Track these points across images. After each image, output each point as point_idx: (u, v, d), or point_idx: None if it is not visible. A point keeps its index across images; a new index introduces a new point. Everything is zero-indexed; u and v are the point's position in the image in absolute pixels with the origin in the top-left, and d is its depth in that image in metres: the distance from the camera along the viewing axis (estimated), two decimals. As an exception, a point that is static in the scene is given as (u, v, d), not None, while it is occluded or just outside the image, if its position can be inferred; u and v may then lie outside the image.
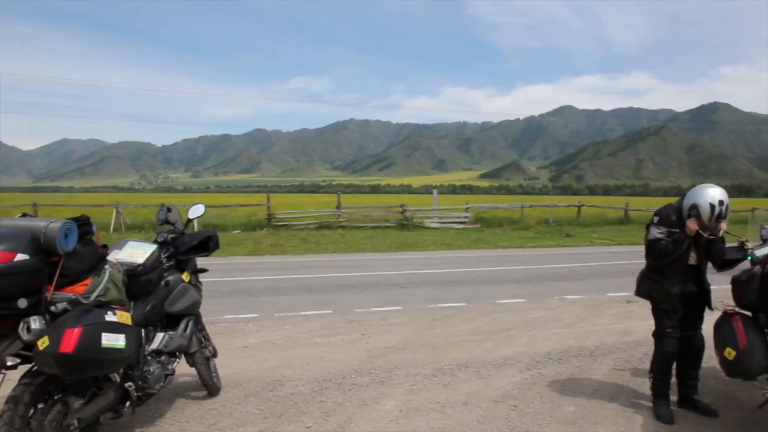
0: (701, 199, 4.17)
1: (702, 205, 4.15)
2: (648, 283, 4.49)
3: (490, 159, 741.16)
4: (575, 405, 4.66)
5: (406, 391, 4.97)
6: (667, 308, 4.37)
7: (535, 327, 7.45)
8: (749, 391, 4.98)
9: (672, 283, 4.34)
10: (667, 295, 4.35)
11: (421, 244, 18.41)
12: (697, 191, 4.26)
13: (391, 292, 10.07)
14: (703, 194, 4.19)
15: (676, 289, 4.34)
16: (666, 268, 4.36)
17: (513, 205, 29.64)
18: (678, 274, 4.34)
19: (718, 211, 4.12)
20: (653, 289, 4.44)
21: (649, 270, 4.51)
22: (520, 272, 12.70)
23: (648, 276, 4.51)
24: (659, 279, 4.39)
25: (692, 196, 4.25)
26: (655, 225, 4.35)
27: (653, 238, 4.31)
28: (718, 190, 4.21)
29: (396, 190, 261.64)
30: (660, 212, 4.42)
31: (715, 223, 4.16)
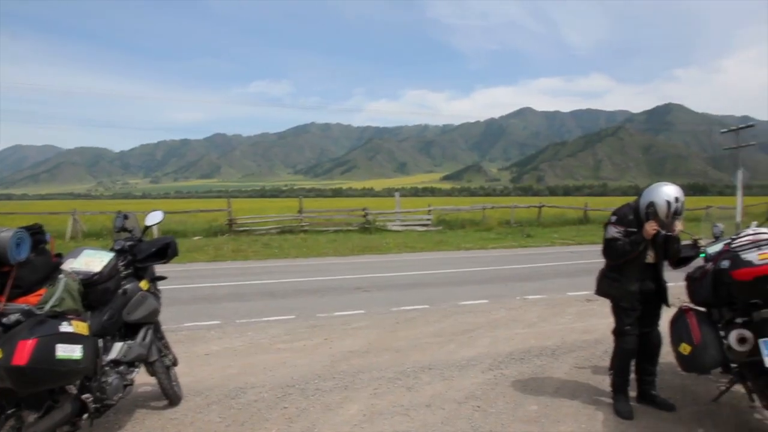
0: (657, 196, 4.28)
1: (658, 203, 4.26)
2: (607, 282, 4.57)
3: (451, 161, 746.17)
4: (537, 404, 4.72)
5: (370, 394, 4.97)
6: (626, 306, 4.45)
7: (498, 327, 7.51)
8: (704, 385, 5.11)
9: (631, 281, 4.43)
10: (627, 293, 4.44)
11: (384, 247, 18.43)
12: (653, 189, 4.38)
13: (354, 296, 10.06)
14: (659, 192, 4.31)
15: (635, 287, 4.43)
16: (624, 266, 4.45)
17: (475, 207, 29.89)
18: (636, 272, 4.44)
19: (674, 207, 4.24)
20: (613, 288, 4.52)
21: (608, 269, 4.59)
22: (482, 273, 12.81)
23: (607, 275, 4.59)
24: (618, 278, 4.48)
25: (649, 194, 4.36)
26: (613, 224, 4.43)
27: (610, 237, 4.40)
28: (673, 187, 4.33)
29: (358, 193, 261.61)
30: (618, 212, 4.51)
31: (672, 219, 4.27)
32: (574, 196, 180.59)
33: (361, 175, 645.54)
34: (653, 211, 4.27)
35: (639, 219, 4.39)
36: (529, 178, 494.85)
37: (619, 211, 4.51)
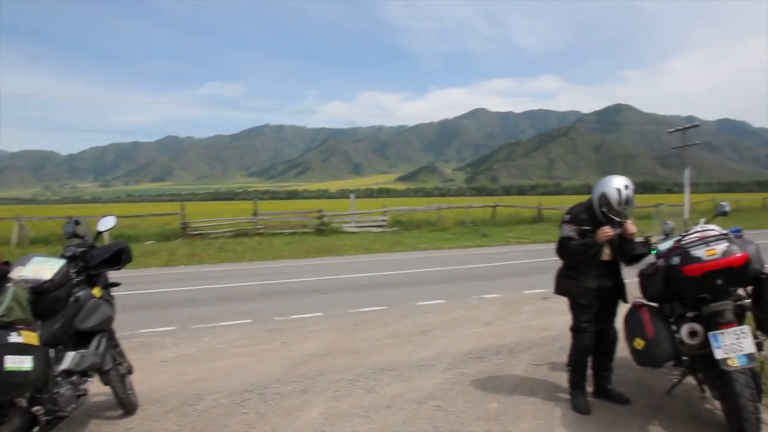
0: (608, 187, 4.42)
1: (609, 193, 4.39)
2: (566, 281, 4.66)
3: (406, 162, 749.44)
4: (497, 402, 4.77)
5: (330, 397, 4.95)
6: (585, 303, 4.54)
7: (455, 327, 7.57)
8: (658, 378, 5.25)
9: (588, 278, 4.53)
10: (585, 290, 4.53)
11: (340, 249, 18.39)
12: (603, 182, 4.53)
13: (311, 298, 10.01)
14: (609, 183, 4.45)
15: (593, 285, 4.52)
16: (582, 264, 4.54)
17: (430, 207, 30.06)
18: (594, 270, 4.54)
19: (624, 195, 4.37)
20: (571, 287, 4.60)
21: (566, 268, 4.68)
22: (438, 273, 12.89)
23: (565, 274, 4.68)
24: (576, 276, 4.57)
25: (599, 187, 4.50)
26: (567, 223, 4.53)
27: (565, 236, 4.50)
28: (621, 177, 4.49)
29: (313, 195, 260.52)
30: (571, 210, 4.62)
31: (624, 206, 4.38)
32: (528, 195, 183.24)
33: (315, 177, 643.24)
34: (606, 202, 4.39)
35: (593, 217, 4.50)
36: (484, 178, 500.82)
37: (573, 210, 4.61)
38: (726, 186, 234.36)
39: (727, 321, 3.88)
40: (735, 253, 3.83)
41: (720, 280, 3.84)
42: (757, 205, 44.05)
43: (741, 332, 3.82)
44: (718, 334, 3.84)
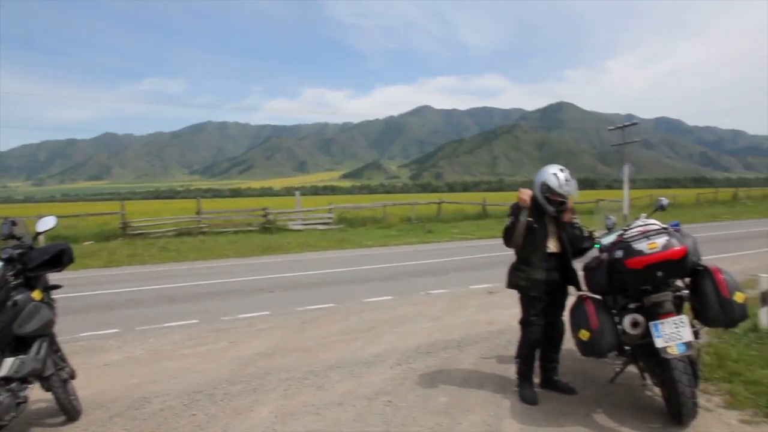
0: (545, 175, 4.60)
1: (548, 179, 4.56)
2: (516, 275, 4.76)
3: (351, 159, 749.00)
4: (446, 395, 4.84)
5: (280, 396, 4.93)
6: (535, 296, 4.65)
7: (403, 323, 7.63)
8: (602, 368, 5.43)
9: (537, 270, 4.64)
10: (535, 282, 4.64)
11: (286, 247, 18.26)
12: (540, 173, 4.70)
13: (258, 297, 9.92)
14: (545, 171, 4.65)
15: (541, 276, 4.63)
16: (530, 257, 4.66)
17: (375, 205, 30.11)
18: (541, 261, 4.65)
19: (562, 177, 4.54)
20: (521, 279, 4.71)
21: (517, 262, 4.78)
22: (385, 270, 12.94)
23: (516, 268, 4.78)
24: (525, 269, 4.68)
25: (539, 178, 4.67)
26: (509, 216, 4.67)
27: (507, 224, 4.66)
28: (554, 165, 4.70)
29: (257, 193, 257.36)
30: (513, 206, 4.75)
31: (567, 187, 4.52)
32: (472, 191, 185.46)
33: (260, 175, 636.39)
34: (547, 188, 4.55)
35: (536, 208, 4.66)
36: (428, 175, 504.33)
37: (513, 206, 4.73)
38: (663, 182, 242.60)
39: (666, 311, 4.05)
40: (675, 246, 4.00)
41: (660, 272, 4.01)
42: (691, 200, 45.72)
43: (680, 322, 3.99)
44: (659, 323, 4.01)
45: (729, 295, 4.05)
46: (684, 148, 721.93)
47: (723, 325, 4.20)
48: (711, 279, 4.14)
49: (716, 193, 50.93)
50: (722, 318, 4.09)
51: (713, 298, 4.08)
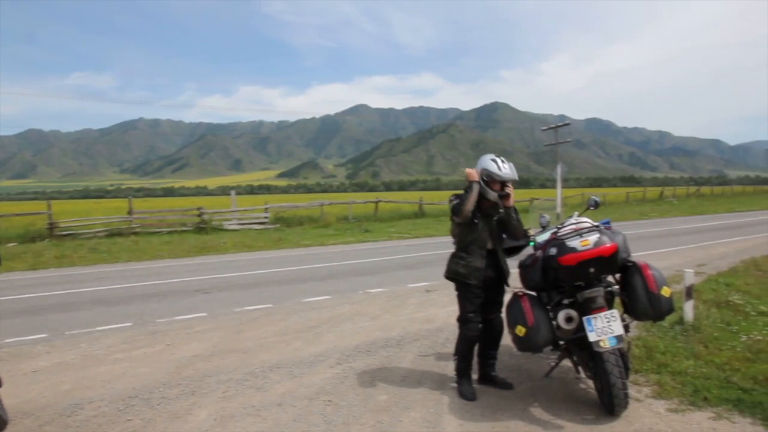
0: (484, 163, 4.74)
1: (488, 165, 4.70)
2: (455, 262, 4.82)
3: (287, 158, 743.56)
4: (387, 393, 4.89)
5: (219, 398, 4.87)
6: (473, 283, 4.72)
7: (343, 322, 7.65)
8: (537, 363, 5.60)
9: (477, 259, 4.73)
10: (474, 270, 4.71)
11: (222, 247, 17.99)
12: (479, 162, 4.82)
13: (194, 298, 9.74)
14: (483, 159, 4.81)
15: (480, 264, 4.73)
16: (469, 247, 4.75)
17: (312, 204, 29.99)
18: (480, 250, 4.75)
19: (499, 161, 4.72)
20: (461, 266, 4.76)
21: (457, 250, 4.85)
22: (323, 270, 12.91)
23: (455, 256, 4.85)
24: (465, 256, 4.76)
25: (478, 166, 4.80)
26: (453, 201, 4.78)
27: (455, 202, 4.73)
28: (490, 154, 4.86)
29: (191, 192, 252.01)
30: (456, 195, 4.85)
31: (506, 170, 4.66)
32: (409, 190, 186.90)
33: (193, 174, 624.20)
34: (488, 173, 4.67)
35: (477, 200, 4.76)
36: (365, 174, 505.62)
37: (458, 195, 4.84)
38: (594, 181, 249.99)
39: (598, 306, 4.22)
40: (606, 244, 4.17)
41: (593, 268, 4.18)
42: (621, 199, 47.38)
43: (611, 316, 4.16)
44: (591, 318, 4.17)
45: (657, 290, 4.24)
46: (614, 149, 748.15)
47: (651, 319, 4.39)
48: (640, 274, 4.33)
49: (644, 192, 53.01)
50: (650, 312, 4.28)
51: (642, 293, 4.27)
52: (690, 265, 10.57)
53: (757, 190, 77.15)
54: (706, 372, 5.01)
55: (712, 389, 4.63)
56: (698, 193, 61.57)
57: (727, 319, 6.84)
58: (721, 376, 4.91)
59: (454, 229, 4.89)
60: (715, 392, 4.57)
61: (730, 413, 4.24)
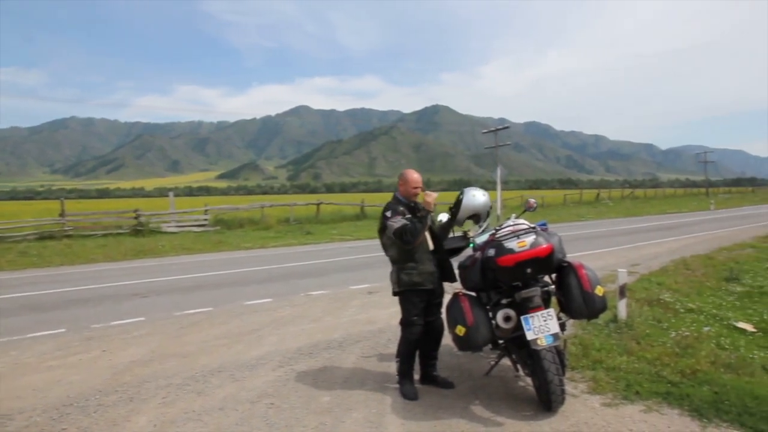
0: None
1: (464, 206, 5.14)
2: (407, 274, 4.83)
3: (227, 159, 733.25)
4: (329, 395, 4.90)
5: (159, 404, 4.78)
6: (430, 288, 4.83)
7: (284, 325, 7.61)
8: (477, 362, 5.71)
9: (427, 264, 4.84)
10: (428, 275, 4.82)
11: (160, 250, 17.63)
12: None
13: (132, 302, 9.52)
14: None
15: (432, 268, 4.84)
16: (415, 255, 4.80)
17: (253, 206, 29.69)
18: (427, 253, 4.86)
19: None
20: (414, 276, 4.81)
21: (403, 262, 4.85)
22: (265, 272, 12.81)
23: (404, 268, 4.84)
24: (415, 265, 4.81)
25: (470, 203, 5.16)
26: (392, 218, 4.76)
27: (400, 225, 4.70)
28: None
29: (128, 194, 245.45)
30: (387, 208, 4.88)
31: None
32: (350, 192, 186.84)
33: (130, 175, 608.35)
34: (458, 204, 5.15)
35: (407, 206, 4.87)
36: (307, 175, 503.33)
37: (389, 207, 4.87)
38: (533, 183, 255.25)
39: (535, 305, 4.34)
40: (542, 245, 4.29)
41: (529, 268, 4.30)
42: (559, 201, 48.63)
43: (547, 315, 4.29)
44: (529, 317, 4.28)
45: (591, 289, 4.39)
46: (552, 152, 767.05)
47: (586, 317, 4.54)
48: (575, 274, 4.47)
49: (581, 194, 54.61)
50: (585, 310, 4.43)
51: (577, 292, 4.41)
52: (624, 265, 10.93)
53: (687, 193, 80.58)
54: (638, 367, 5.21)
55: (643, 383, 4.82)
56: (632, 195, 63.87)
57: (658, 317, 7.12)
58: (651, 370, 5.12)
59: (391, 244, 4.89)
60: (647, 386, 4.76)
61: (660, 406, 4.42)
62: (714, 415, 4.19)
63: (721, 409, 4.25)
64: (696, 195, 74.70)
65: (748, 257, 12.78)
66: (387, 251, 4.98)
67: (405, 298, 4.88)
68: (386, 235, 4.87)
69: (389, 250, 4.93)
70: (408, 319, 4.85)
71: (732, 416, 4.14)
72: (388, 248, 4.94)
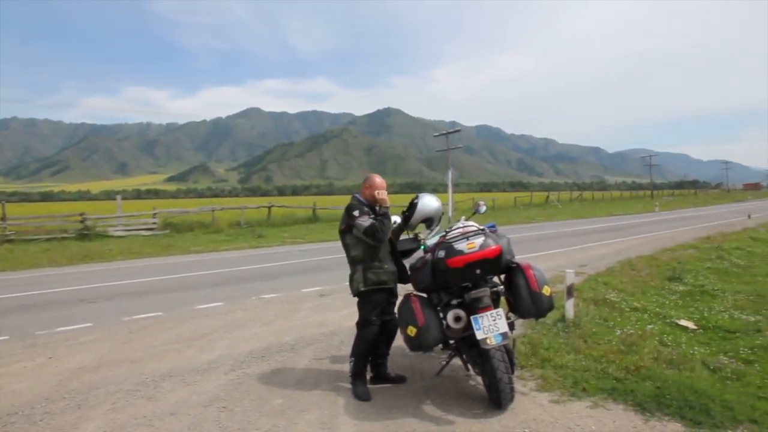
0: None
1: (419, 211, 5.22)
2: (374, 273, 4.89)
3: (176, 161, 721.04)
4: (282, 397, 4.90)
5: (108, 410, 4.70)
6: (392, 287, 4.96)
7: (236, 329, 7.55)
8: (429, 362, 5.78)
9: (390, 263, 4.97)
10: (392, 274, 4.95)
11: (107, 255, 17.24)
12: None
13: (78, 308, 9.30)
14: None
15: (394, 267, 4.98)
16: (379, 254, 4.91)
17: (203, 209, 29.33)
18: (388, 253, 4.98)
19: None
20: (381, 275, 4.90)
21: (368, 264, 4.92)
22: (215, 276, 12.67)
23: (370, 267, 4.91)
24: (380, 265, 4.91)
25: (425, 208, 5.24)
26: (360, 216, 4.83)
27: (369, 224, 4.78)
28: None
29: (73, 197, 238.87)
30: (353, 208, 4.93)
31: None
32: (302, 195, 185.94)
33: (75, 177, 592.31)
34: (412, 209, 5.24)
35: (371, 207, 4.97)
36: (258, 178, 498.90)
37: (354, 207, 4.93)
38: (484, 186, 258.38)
39: (485, 305, 4.44)
40: (490, 246, 4.40)
41: (479, 269, 4.40)
42: (510, 203, 49.42)
43: (496, 314, 4.39)
44: (478, 317, 4.37)
45: (538, 289, 4.51)
46: (503, 155, 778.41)
47: (534, 316, 4.65)
48: (523, 275, 4.59)
49: (531, 197, 55.66)
50: (533, 310, 4.55)
51: (525, 292, 4.53)
52: (572, 266, 11.21)
53: (633, 195, 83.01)
54: (585, 365, 5.37)
55: (590, 380, 4.97)
56: (581, 197, 65.36)
57: (604, 316, 7.34)
58: (598, 368, 5.28)
59: (355, 244, 4.95)
60: (593, 383, 4.91)
61: (606, 401, 4.57)
62: (656, 409, 4.36)
63: (662, 403, 4.42)
64: (641, 197, 76.99)
65: (690, 257, 13.24)
66: (350, 251, 5.02)
67: (367, 298, 4.94)
68: (351, 235, 4.93)
69: (353, 249, 4.98)
70: (367, 318, 4.91)
71: (673, 410, 4.31)
72: (352, 248, 4.98)
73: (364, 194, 5.05)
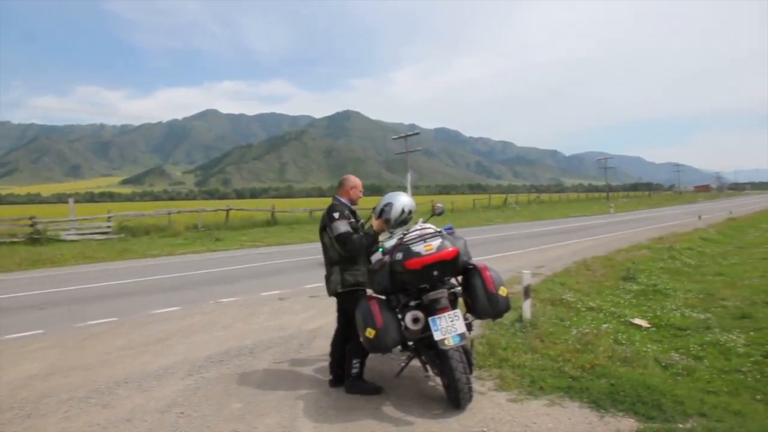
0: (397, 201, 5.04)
1: (395, 206, 4.98)
2: (351, 274, 4.95)
3: (131, 164, 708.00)
4: (241, 401, 4.85)
5: (60, 418, 4.58)
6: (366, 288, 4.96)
7: (194, 333, 7.45)
8: (388, 363, 5.80)
9: (365, 264, 5.02)
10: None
11: (59, 260, 16.83)
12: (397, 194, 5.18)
13: (28, 315, 9.06)
14: (400, 199, 5.08)
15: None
16: (358, 257, 4.97)
17: (159, 212, 28.84)
18: (364, 255, 5.03)
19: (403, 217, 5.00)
20: (359, 276, 4.98)
21: (346, 266, 4.96)
22: (172, 280, 12.48)
23: (348, 269, 4.96)
24: (358, 267, 4.98)
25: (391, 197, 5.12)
26: (339, 220, 4.85)
27: (344, 231, 4.80)
28: (410, 200, 5.17)
29: (22, 200, 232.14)
30: (335, 209, 4.95)
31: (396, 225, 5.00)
32: (261, 198, 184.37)
33: (24, 179, 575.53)
34: (388, 210, 4.94)
35: (352, 212, 5.04)
36: (215, 181, 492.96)
37: (336, 209, 4.96)
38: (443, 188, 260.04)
39: (443, 307, 4.48)
40: (447, 248, 4.45)
41: (436, 271, 4.44)
42: (468, 206, 49.83)
43: (454, 315, 4.43)
44: (436, 318, 4.41)
45: (495, 290, 4.57)
46: (461, 157, 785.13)
47: (491, 317, 4.71)
48: (479, 276, 4.64)
49: (490, 199, 56.28)
50: (490, 310, 4.60)
51: (481, 293, 4.58)
52: (529, 267, 11.34)
53: (590, 197, 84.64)
54: (542, 364, 5.45)
55: (547, 379, 5.05)
56: (538, 200, 66.38)
57: (560, 315, 7.47)
58: (554, 367, 5.36)
59: (333, 245, 4.95)
60: (550, 381, 4.99)
61: (562, 399, 4.65)
62: (611, 405, 4.45)
63: (617, 400, 4.52)
64: (597, 199, 78.53)
65: (644, 258, 13.56)
66: (327, 251, 5.06)
67: (346, 299, 4.97)
68: (328, 235, 4.94)
69: (331, 250, 5.00)
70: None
71: (627, 405, 4.41)
72: (330, 248, 5.01)
73: (345, 195, 5.13)
